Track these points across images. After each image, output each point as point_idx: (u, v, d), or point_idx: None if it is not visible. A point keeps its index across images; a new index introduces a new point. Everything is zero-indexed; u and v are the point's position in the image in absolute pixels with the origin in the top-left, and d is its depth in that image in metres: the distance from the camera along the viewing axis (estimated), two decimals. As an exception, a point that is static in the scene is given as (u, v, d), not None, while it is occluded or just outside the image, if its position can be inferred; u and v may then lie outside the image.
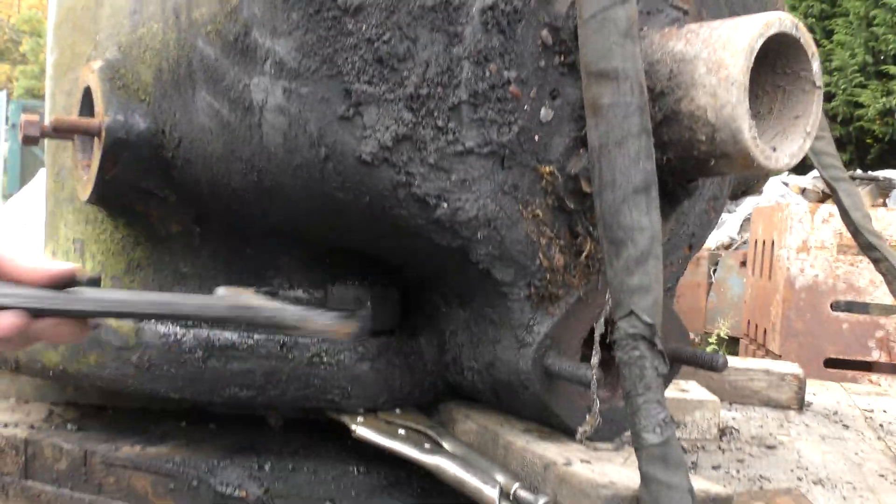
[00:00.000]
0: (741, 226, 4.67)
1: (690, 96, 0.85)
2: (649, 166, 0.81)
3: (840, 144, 7.90)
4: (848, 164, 7.55)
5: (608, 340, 1.00)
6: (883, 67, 7.48)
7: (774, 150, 0.87)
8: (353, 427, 1.09)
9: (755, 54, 0.82)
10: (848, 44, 7.71)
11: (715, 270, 4.38)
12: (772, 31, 0.83)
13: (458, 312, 1.10)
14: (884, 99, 7.30)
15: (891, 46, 7.41)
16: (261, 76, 0.98)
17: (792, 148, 0.88)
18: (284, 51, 0.94)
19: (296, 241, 1.22)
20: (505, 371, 1.01)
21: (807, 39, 0.87)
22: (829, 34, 8.11)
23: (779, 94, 0.91)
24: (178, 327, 1.14)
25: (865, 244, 1.25)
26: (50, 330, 0.63)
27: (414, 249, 1.01)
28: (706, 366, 1.05)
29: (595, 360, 0.89)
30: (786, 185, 4.79)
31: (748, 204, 4.67)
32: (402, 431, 1.08)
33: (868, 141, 7.91)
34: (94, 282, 0.68)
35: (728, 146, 0.84)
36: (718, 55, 0.82)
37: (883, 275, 1.25)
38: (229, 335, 1.14)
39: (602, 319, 0.93)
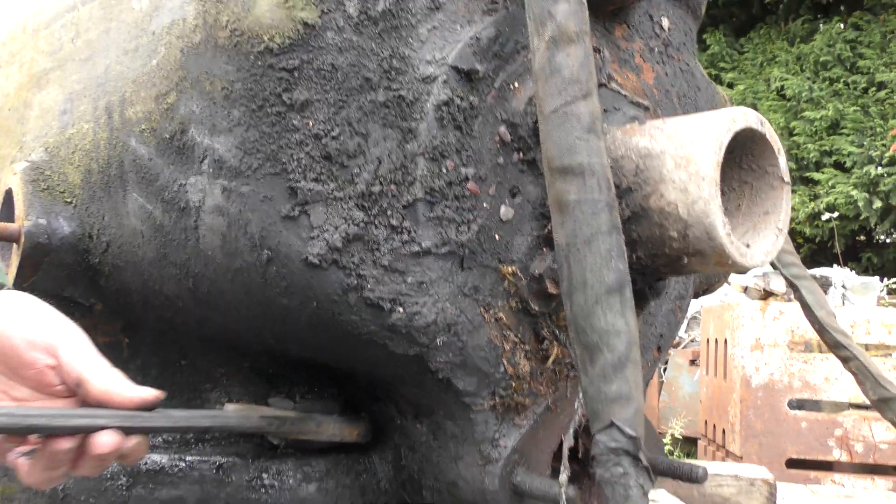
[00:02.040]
0: (688, 324, 4.69)
1: (659, 192, 0.81)
2: (622, 265, 0.76)
3: (773, 243, 8.19)
4: (782, 263, 7.78)
5: (580, 454, 0.92)
6: (807, 174, 7.87)
7: (748, 246, 0.83)
8: (299, 562, 0.97)
9: (724, 149, 0.79)
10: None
11: (665, 369, 4.35)
12: (738, 126, 0.80)
13: (414, 426, 1.01)
14: (812, 203, 7.64)
15: (811, 154, 7.83)
16: (198, 175, 0.92)
17: (765, 245, 0.84)
18: (224, 148, 0.88)
19: (235, 350, 1.13)
20: (469, 491, 0.92)
21: (772, 135, 0.85)
22: (754, 140, 8.53)
23: (746, 190, 0.88)
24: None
25: (833, 342, 1.21)
26: (137, 447, 0.67)
27: (366, 358, 0.92)
28: (685, 478, 0.97)
29: (564, 477, 0.80)
30: (728, 283, 4.87)
31: (694, 303, 4.72)
32: (354, 565, 0.97)
33: (799, 241, 8.22)
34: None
35: (702, 243, 0.79)
36: (686, 150, 0.79)
37: (853, 373, 1.21)
38: (158, 458, 1.02)
39: (571, 431, 0.85)
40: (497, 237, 0.89)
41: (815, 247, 8.18)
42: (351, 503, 1.05)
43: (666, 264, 0.85)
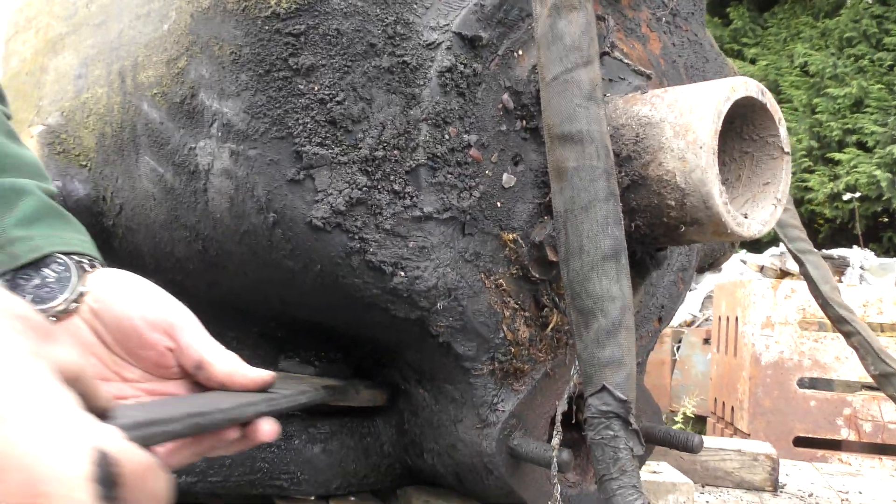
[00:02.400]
0: (702, 303, 4.68)
1: (658, 161, 0.82)
2: (618, 232, 0.77)
3: (793, 224, 8.09)
4: (802, 243, 7.69)
5: (575, 419, 0.94)
6: (828, 154, 7.76)
7: (746, 216, 0.83)
8: (302, 518, 0.99)
9: (723, 118, 0.79)
10: (793, 130, 8.00)
11: (678, 348, 4.35)
12: (738, 95, 0.80)
13: (417, 390, 1.03)
14: (831, 184, 7.53)
15: (834, 133, 7.71)
16: (207, 139, 0.93)
17: (763, 215, 0.85)
18: (232, 112, 0.89)
19: (245, 314, 1.15)
20: (467, 453, 0.94)
21: (773, 104, 0.85)
22: (776, 119, 8.40)
23: (746, 160, 0.89)
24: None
25: (836, 317, 1.21)
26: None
27: (369, 322, 0.94)
28: (681, 446, 0.99)
29: (556, 440, 0.82)
30: (744, 262, 4.84)
31: (709, 281, 4.69)
32: (354, 522, 0.99)
33: (819, 222, 8.12)
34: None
35: (699, 212, 0.80)
36: (685, 119, 0.80)
37: (855, 348, 1.21)
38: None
39: (566, 396, 0.86)
40: (499, 204, 0.90)
41: (836, 227, 8.08)
42: (354, 465, 1.08)
43: (664, 233, 0.86)
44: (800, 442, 2.50)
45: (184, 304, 0.67)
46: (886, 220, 8.18)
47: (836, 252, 4.92)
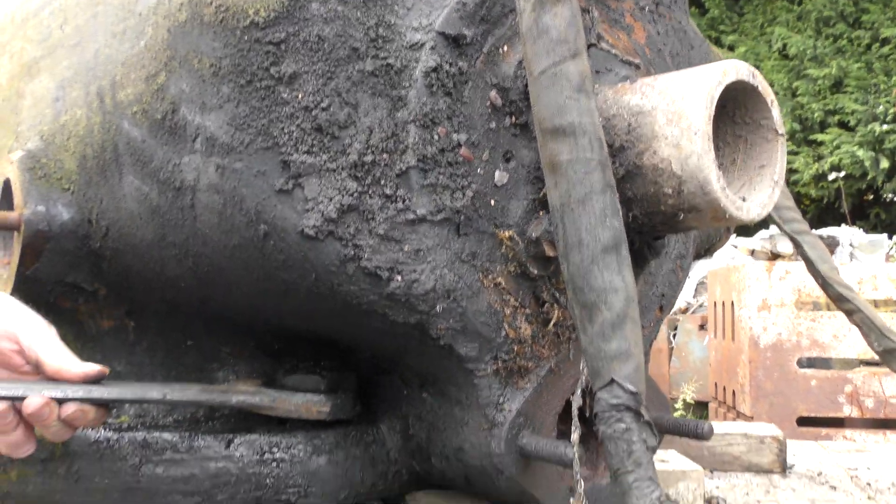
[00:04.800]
0: (696, 289, 4.69)
1: (652, 149, 0.81)
2: (617, 223, 0.75)
3: (779, 206, 8.14)
4: (789, 225, 7.74)
5: (586, 414, 0.92)
6: (811, 136, 7.80)
7: (744, 200, 0.82)
8: (312, 532, 0.98)
9: (716, 102, 0.78)
10: (779, 113, 8.02)
11: (674, 335, 4.35)
12: (730, 79, 0.79)
13: (420, 395, 1.02)
14: (815, 165, 7.57)
15: (815, 115, 7.75)
16: (191, 154, 0.92)
17: (762, 198, 0.84)
18: (216, 125, 0.88)
19: (239, 329, 1.13)
20: (476, 455, 0.93)
21: (765, 87, 0.84)
22: (757, 103, 8.45)
23: (740, 144, 0.88)
24: (110, 432, 1.03)
25: (836, 296, 1.21)
26: (81, 414, 0.80)
27: (368, 328, 0.93)
28: (691, 434, 0.98)
29: (576, 435, 0.81)
30: (735, 247, 4.85)
31: (701, 267, 4.70)
32: (365, 533, 0.98)
33: (806, 203, 8.16)
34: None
35: (697, 198, 0.79)
36: (678, 105, 0.79)
37: (858, 326, 1.21)
38: (168, 436, 1.03)
39: (579, 391, 0.85)
40: (492, 202, 0.89)
41: (822, 207, 8.13)
42: (361, 474, 1.06)
43: (663, 222, 0.85)
44: (803, 422, 2.50)
45: (43, 320, 0.84)
46: (871, 197, 8.24)
47: (824, 231, 4.95)
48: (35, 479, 1.03)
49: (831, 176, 7.61)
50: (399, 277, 0.84)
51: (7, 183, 1.16)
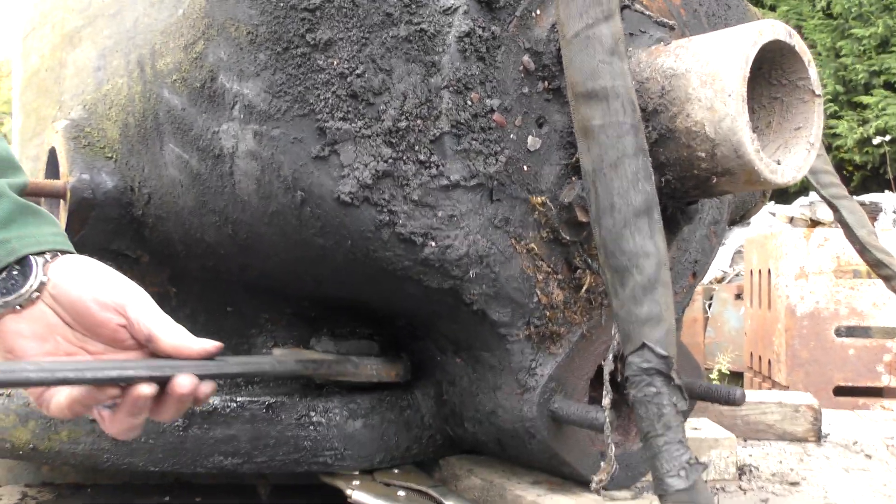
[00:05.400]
0: (732, 258, 4.63)
1: (686, 112, 0.80)
2: (649, 187, 0.75)
3: (822, 173, 7.96)
4: (831, 192, 7.57)
5: (617, 379, 0.93)
6: (855, 98, 7.59)
7: (779, 163, 0.81)
8: (349, 491, 1.00)
9: (751, 63, 0.77)
10: (819, 75, 7.82)
11: (710, 305, 4.32)
12: (765, 39, 0.78)
13: (453, 360, 1.03)
14: (860, 129, 7.37)
15: (860, 76, 7.53)
16: (230, 122, 0.93)
17: (797, 160, 0.83)
18: (253, 93, 0.89)
19: (277, 295, 1.16)
20: (508, 419, 0.94)
21: (801, 46, 0.82)
22: (799, 66, 8.23)
23: (776, 106, 0.87)
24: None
25: (874, 261, 1.19)
26: (208, 391, 0.74)
27: (403, 294, 0.94)
28: (723, 400, 0.98)
29: (607, 400, 0.82)
30: (773, 214, 4.78)
31: (738, 236, 4.64)
32: (401, 493, 1.00)
33: (849, 169, 7.97)
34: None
35: (730, 161, 0.79)
36: (712, 67, 0.78)
37: (894, 291, 1.19)
38: (211, 399, 1.06)
39: (611, 356, 0.86)
40: (525, 168, 0.89)
41: (867, 174, 7.93)
42: (396, 438, 1.08)
43: (695, 186, 0.84)
44: (840, 391, 2.48)
45: (137, 285, 0.76)
46: (918, 162, 8.00)
47: (867, 198, 4.84)
48: (85, 440, 1.07)
49: (876, 140, 7.41)
50: (433, 243, 0.85)
51: (52, 151, 1.19)
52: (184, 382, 0.71)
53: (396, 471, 1.08)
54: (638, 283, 0.74)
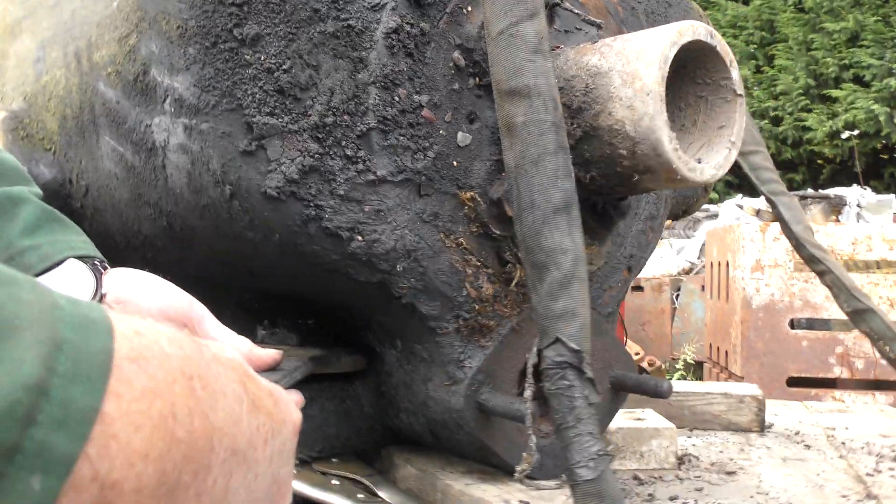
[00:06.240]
0: (700, 250, 4.68)
1: (608, 110, 0.81)
2: (568, 185, 0.77)
3: (792, 166, 8.06)
4: (800, 186, 7.69)
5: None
6: (825, 91, 7.68)
7: (700, 161, 0.83)
8: (284, 482, 1.01)
9: (669, 63, 0.78)
10: (790, 68, 7.91)
11: (678, 296, 4.37)
12: (685, 40, 0.80)
13: (390, 351, 1.04)
14: (830, 122, 7.47)
15: (830, 70, 7.62)
16: (161, 115, 0.93)
17: (717, 159, 0.85)
18: (183, 87, 0.89)
19: (220, 287, 1.16)
20: (438, 411, 0.95)
21: (723, 47, 0.84)
22: (770, 60, 8.34)
23: (701, 104, 0.88)
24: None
25: (809, 257, 1.22)
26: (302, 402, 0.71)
27: (335, 287, 0.95)
28: (651, 392, 1.00)
29: (528, 392, 0.83)
30: (740, 207, 4.83)
31: (707, 228, 4.69)
32: (335, 482, 1.01)
33: (819, 162, 8.07)
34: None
35: (650, 160, 0.80)
36: (632, 66, 0.79)
37: (829, 287, 1.22)
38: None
39: (535, 349, 0.87)
40: (455, 163, 0.90)
41: (836, 167, 8.04)
42: (336, 428, 1.09)
43: (620, 183, 0.86)
44: (793, 382, 2.52)
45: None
46: (886, 156, 8.12)
47: (832, 191, 4.91)
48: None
49: (844, 135, 7.51)
50: (360, 237, 0.86)
51: (-10, 143, 1.18)
52: (298, 401, 0.69)
53: (335, 460, 1.09)
54: (555, 278, 0.75)
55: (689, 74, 0.88)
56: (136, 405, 0.32)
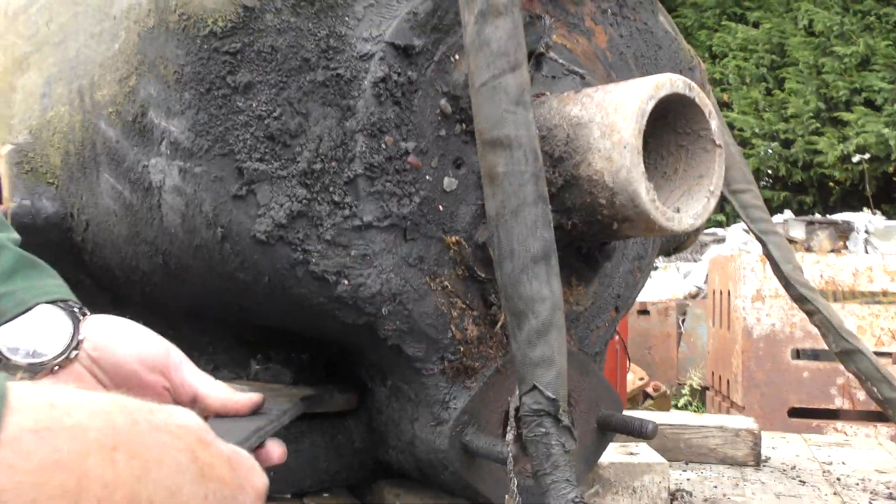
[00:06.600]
0: (707, 276, 4.67)
1: (588, 161, 0.83)
2: (547, 234, 0.78)
3: (802, 189, 8.04)
4: (811, 208, 7.67)
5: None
6: (836, 114, 7.67)
7: (678, 210, 0.85)
8: (273, 517, 1.03)
9: (646, 117, 0.80)
10: (800, 91, 7.91)
11: (684, 321, 4.36)
12: (662, 93, 0.82)
13: (380, 388, 1.06)
14: (840, 146, 7.45)
15: (841, 93, 7.61)
16: (158, 157, 0.96)
17: (696, 208, 0.86)
18: (178, 130, 0.92)
19: (216, 321, 1.18)
20: (424, 450, 0.97)
21: (702, 99, 0.86)
22: (781, 83, 8.33)
23: (682, 154, 0.90)
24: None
25: (798, 296, 1.23)
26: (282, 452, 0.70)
27: (325, 327, 0.97)
28: (636, 433, 1.01)
29: (510, 435, 0.84)
30: (747, 232, 4.82)
31: (715, 251, 4.68)
32: (323, 519, 1.03)
33: (830, 185, 8.04)
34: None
35: (628, 210, 0.82)
36: (611, 119, 0.81)
37: (817, 327, 1.23)
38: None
39: (517, 393, 0.89)
40: (441, 208, 0.92)
41: (847, 189, 8.01)
42: (326, 463, 1.11)
43: (600, 230, 0.87)
44: (794, 413, 2.51)
45: (161, 333, 0.73)
46: (897, 179, 8.07)
47: (840, 217, 4.89)
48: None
49: (855, 158, 7.47)
50: (346, 281, 0.88)
51: (-5, 176, 1.21)
52: (275, 450, 0.68)
53: (326, 495, 1.11)
54: (533, 326, 0.77)
55: (671, 124, 0.90)
56: (31, 477, 0.32)
